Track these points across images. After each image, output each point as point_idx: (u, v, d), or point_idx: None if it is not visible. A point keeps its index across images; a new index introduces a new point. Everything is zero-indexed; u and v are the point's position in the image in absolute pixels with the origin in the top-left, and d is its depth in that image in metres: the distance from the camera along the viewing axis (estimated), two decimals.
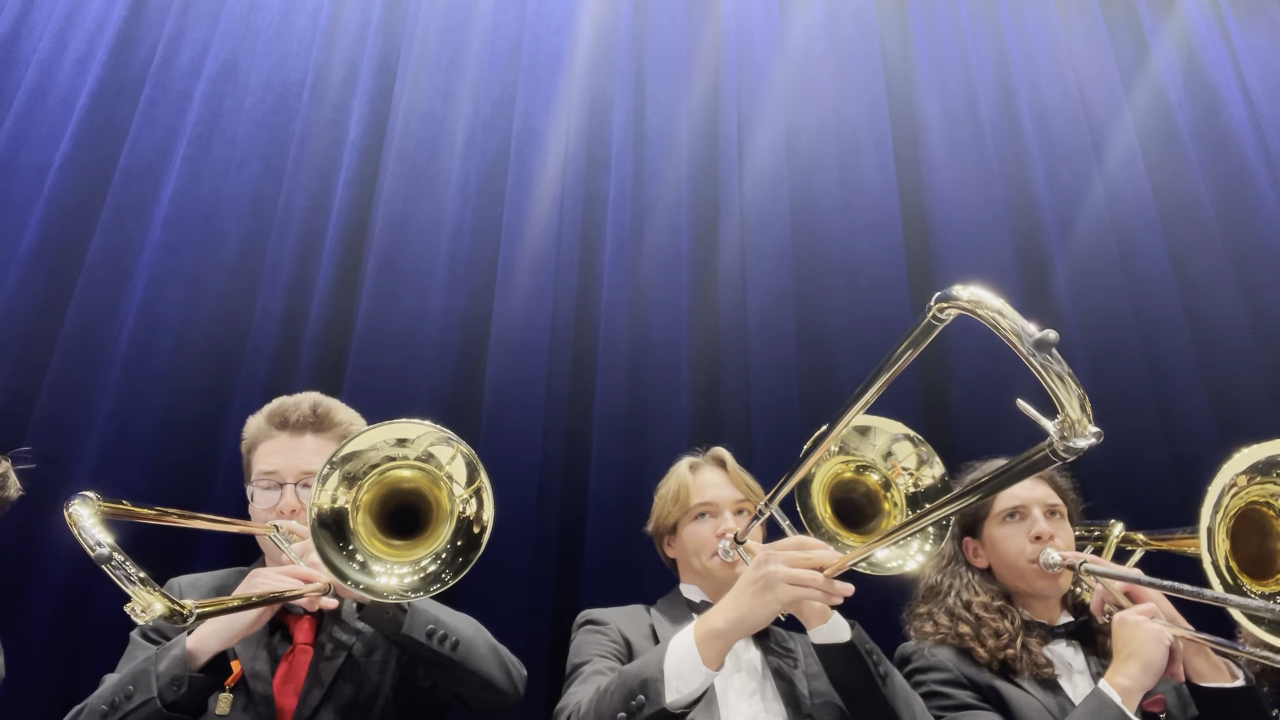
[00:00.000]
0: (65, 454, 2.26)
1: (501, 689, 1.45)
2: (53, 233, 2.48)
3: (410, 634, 1.35)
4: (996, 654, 1.54)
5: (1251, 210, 2.95)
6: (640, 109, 2.93)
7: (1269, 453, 1.40)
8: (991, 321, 0.78)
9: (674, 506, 1.69)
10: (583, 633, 1.60)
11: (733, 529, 1.60)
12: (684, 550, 1.70)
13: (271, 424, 1.61)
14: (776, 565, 1.23)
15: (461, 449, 1.32)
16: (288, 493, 1.54)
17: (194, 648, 1.29)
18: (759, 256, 2.72)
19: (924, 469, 1.46)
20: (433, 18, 2.96)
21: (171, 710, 1.25)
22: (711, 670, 1.24)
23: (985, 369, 2.61)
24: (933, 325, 0.86)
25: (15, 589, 2.12)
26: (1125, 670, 1.37)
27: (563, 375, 2.52)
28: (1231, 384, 2.71)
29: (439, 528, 1.33)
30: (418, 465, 1.34)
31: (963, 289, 0.83)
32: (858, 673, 1.35)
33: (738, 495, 1.66)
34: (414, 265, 2.60)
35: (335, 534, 1.29)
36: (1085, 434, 0.73)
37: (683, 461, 1.77)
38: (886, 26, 3.19)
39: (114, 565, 1.09)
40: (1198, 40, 3.24)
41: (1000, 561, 1.67)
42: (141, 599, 1.09)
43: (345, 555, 1.28)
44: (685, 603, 1.66)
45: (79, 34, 2.78)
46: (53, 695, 2.02)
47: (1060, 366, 0.74)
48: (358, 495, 1.32)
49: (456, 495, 1.32)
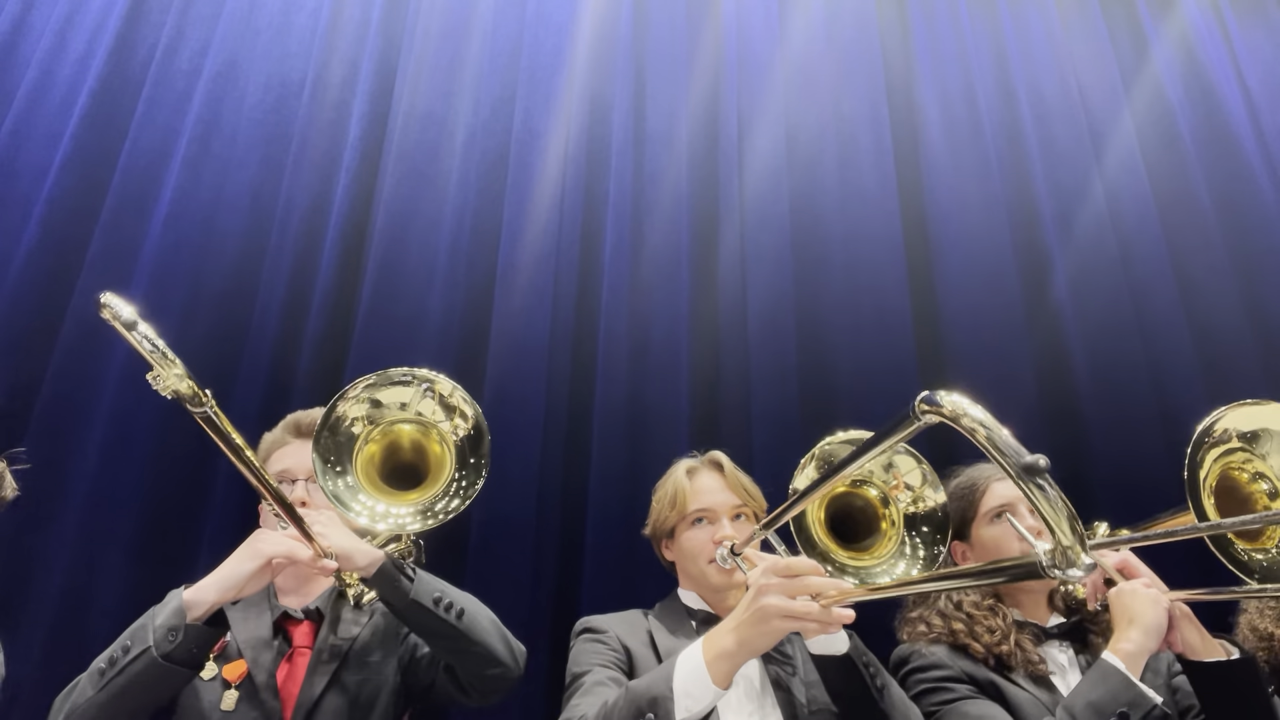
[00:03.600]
0: (65, 454, 2.26)
1: (504, 662, 1.45)
2: (53, 233, 2.48)
3: (418, 599, 1.36)
4: (992, 649, 1.55)
5: (1251, 210, 2.95)
6: (640, 109, 2.93)
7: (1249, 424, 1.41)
8: (972, 433, 0.75)
9: (671, 511, 1.68)
10: (581, 641, 1.59)
11: (730, 536, 1.59)
12: (681, 555, 1.69)
13: (286, 432, 1.69)
14: (772, 598, 1.20)
15: (432, 385, 1.46)
16: (299, 487, 1.59)
17: (191, 598, 1.29)
18: (759, 256, 2.72)
19: (926, 489, 1.45)
20: (433, 18, 2.96)
21: (168, 661, 1.25)
22: (721, 689, 1.24)
23: (985, 372, 2.61)
24: (913, 422, 0.84)
25: (15, 589, 2.12)
26: (1126, 636, 1.37)
27: (563, 375, 2.52)
28: (1231, 383, 2.71)
29: (442, 467, 1.45)
30: (416, 420, 1.46)
31: (946, 396, 0.79)
32: (854, 685, 1.35)
33: (735, 500, 1.66)
34: (414, 265, 2.60)
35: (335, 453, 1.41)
36: (1078, 564, 0.73)
37: (680, 465, 1.76)
38: (886, 26, 3.19)
39: (138, 334, 1.09)
40: (1198, 40, 3.24)
41: (990, 559, 1.66)
42: (163, 371, 1.10)
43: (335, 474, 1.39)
44: (684, 610, 1.66)
45: (79, 34, 2.78)
46: (53, 696, 2.02)
47: (1051, 490, 0.72)
48: (370, 433, 1.43)
49: (445, 431, 1.45)
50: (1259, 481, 1.41)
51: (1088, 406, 2.62)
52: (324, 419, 1.41)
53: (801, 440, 2.42)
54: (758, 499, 1.70)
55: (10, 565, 2.13)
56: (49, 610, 2.09)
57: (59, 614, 2.09)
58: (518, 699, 2.11)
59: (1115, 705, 1.30)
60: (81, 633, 2.08)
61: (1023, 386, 2.59)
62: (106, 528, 2.18)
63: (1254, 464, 1.40)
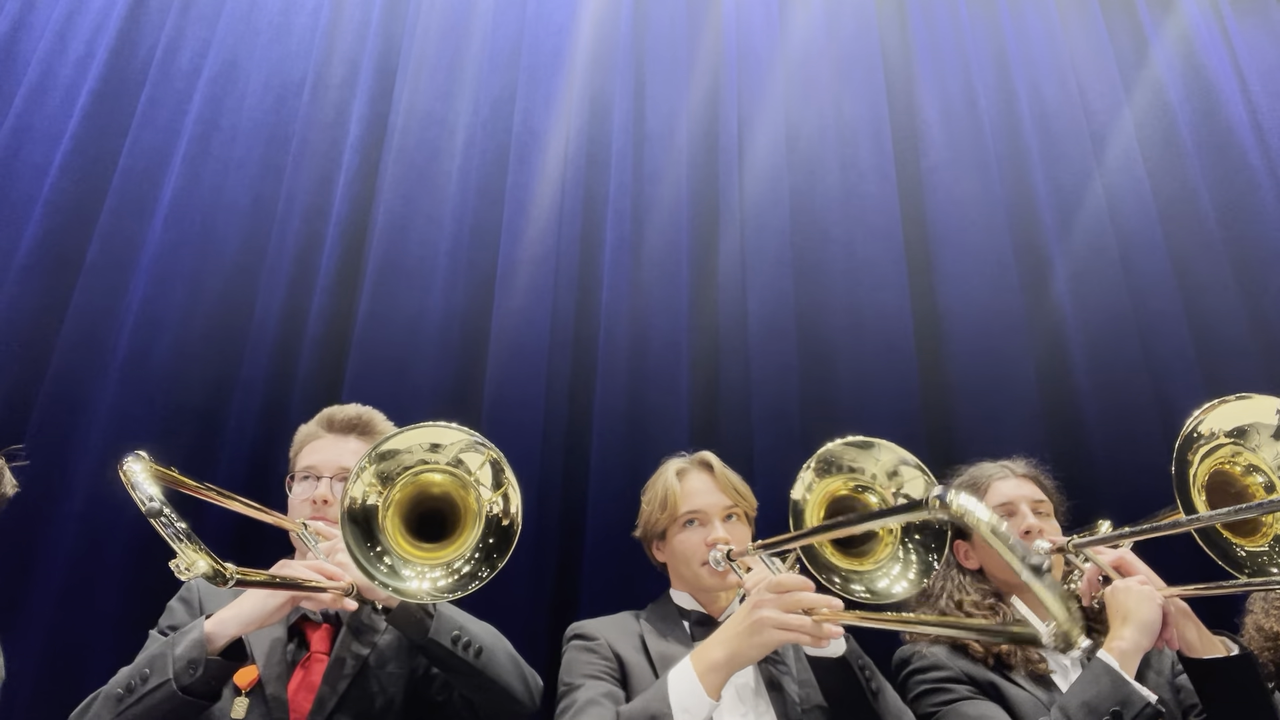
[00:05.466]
0: (65, 454, 2.26)
1: (519, 700, 1.44)
2: (53, 232, 2.48)
3: (436, 639, 1.35)
4: (991, 649, 1.55)
5: (1251, 210, 2.95)
6: (640, 109, 2.93)
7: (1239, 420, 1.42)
8: (977, 528, 0.81)
9: (662, 514, 1.67)
10: (573, 649, 1.59)
11: (723, 538, 1.59)
12: (673, 557, 1.69)
13: (319, 425, 1.70)
14: (767, 611, 1.26)
15: (491, 454, 1.33)
16: (323, 484, 1.59)
17: (212, 631, 1.28)
18: (759, 256, 2.72)
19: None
20: (433, 18, 2.96)
21: (186, 694, 1.24)
22: (715, 701, 1.29)
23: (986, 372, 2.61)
24: (927, 510, 0.88)
25: (15, 590, 2.12)
26: (1120, 634, 1.37)
27: (563, 375, 2.52)
28: (1231, 384, 2.70)
29: (467, 530, 1.33)
30: (448, 470, 1.34)
31: (955, 497, 0.84)
32: (849, 687, 1.36)
33: (726, 501, 1.65)
34: (414, 265, 2.60)
35: (364, 532, 1.28)
36: (1076, 645, 0.81)
37: (669, 466, 1.74)
38: (886, 26, 3.19)
39: (164, 520, 1.10)
40: (1198, 40, 3.24)
41: (992, 560, 1.68)
42: (187, 556, 1.09)
43: (374, 556, 1.27)
44: (676, 611, 1.66)
45: (79, 34, 2.78)
46: (52, 697, 2.02)
47: (1054, 588, 0.79)
48: (389, 494, 1.32)
49: (485, 498, 1.33)
50: (1253, 475, 1.41)
51: (1088, 406, 2.62)
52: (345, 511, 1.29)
53: (801, 440, 2.43)
54: (748, 498, 1.70)
55: (10, 565, 2.13)
56: (49, 610, 2.09)
57: (59, 614, 2.09)
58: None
59: (1108, 704, 1.30)
60: (81, 633, 2.08)
61: (1023, 386, 2.59)
62: (106, 528, 2.18)
63: (1245, 457, 1.40)
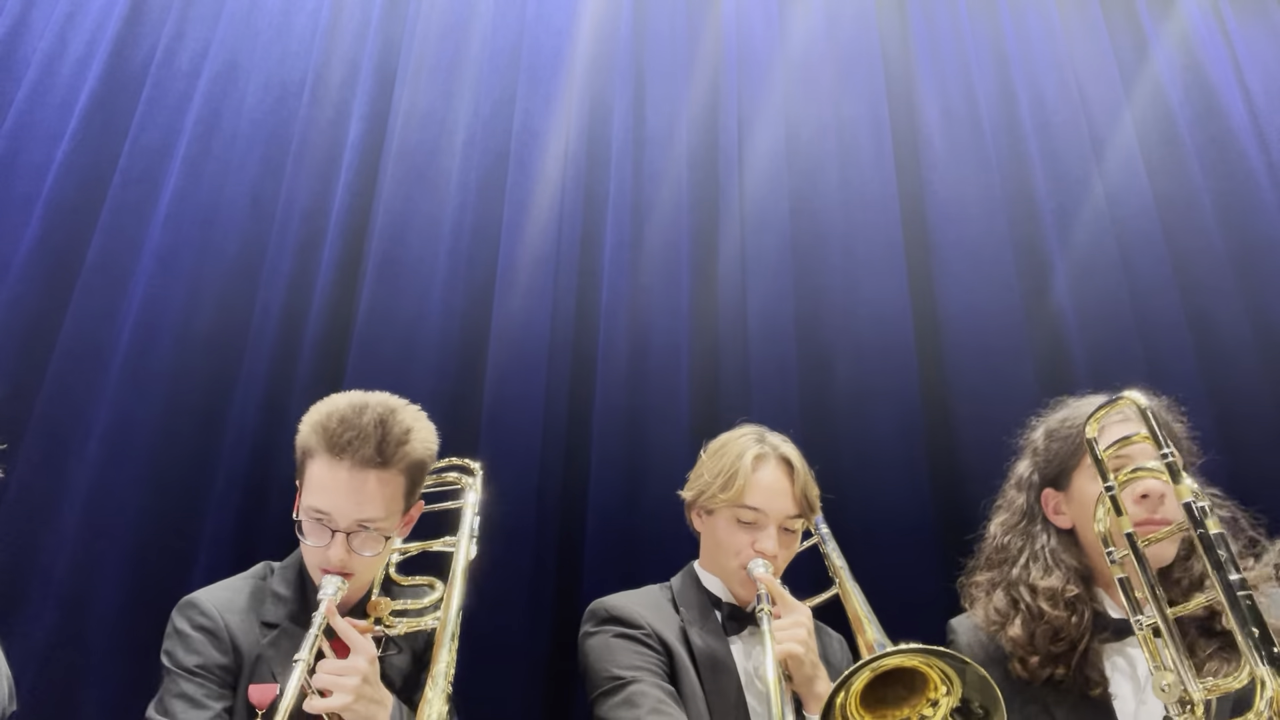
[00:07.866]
0: (65, 454, 2.26)
1: None
2: (53, 233, 2.48)
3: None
4: (1039, 672, 1.32)
5: (1251, 211, 2.95)
6: (640, 109, 2.93)
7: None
8: None
9: (721, 494, 1.55)
10: (611, 635, 1.48)
11: (771, 554, 1.50)
12: (713, 538, 1.60)
13: (317, 436, 1.37)
14: None
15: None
16: (337, 544, 1.33)
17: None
18: (759, 256, 2.72)
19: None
20: (433, 18, 2.95)
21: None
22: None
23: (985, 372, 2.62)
24: None
25: (15, 589, 2.12)
26: None
27: (563, 375, 2.52)
28: (1231, 384, 2.71)
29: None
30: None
31: None
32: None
33: (792, 511, 1.55)
34: (414, 265, 2.60)
35: None
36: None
37: (745, 443, 1.62)
38: (886, 26, 3.19)
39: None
40: (1198, 40, 3.24)
41: (1088, 525, 1.33)
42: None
43: None
44: (708, 597, 1.59)
45: (79, 34, 2.78)
46: (53, 696, 2.02)
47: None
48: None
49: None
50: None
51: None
52: None
53: (801, 440, 2.41)
54: (815, 508, 1.62)
55: (10, 566, 2.13)
56: (49, 610, 2.09)
57: (59, 614, 2.09)
58: (518, 696, 2.11)
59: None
60: (81, 633, 2.08)
61: (1023, 386, 2.59)
62: (106, 528, 2.18)
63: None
